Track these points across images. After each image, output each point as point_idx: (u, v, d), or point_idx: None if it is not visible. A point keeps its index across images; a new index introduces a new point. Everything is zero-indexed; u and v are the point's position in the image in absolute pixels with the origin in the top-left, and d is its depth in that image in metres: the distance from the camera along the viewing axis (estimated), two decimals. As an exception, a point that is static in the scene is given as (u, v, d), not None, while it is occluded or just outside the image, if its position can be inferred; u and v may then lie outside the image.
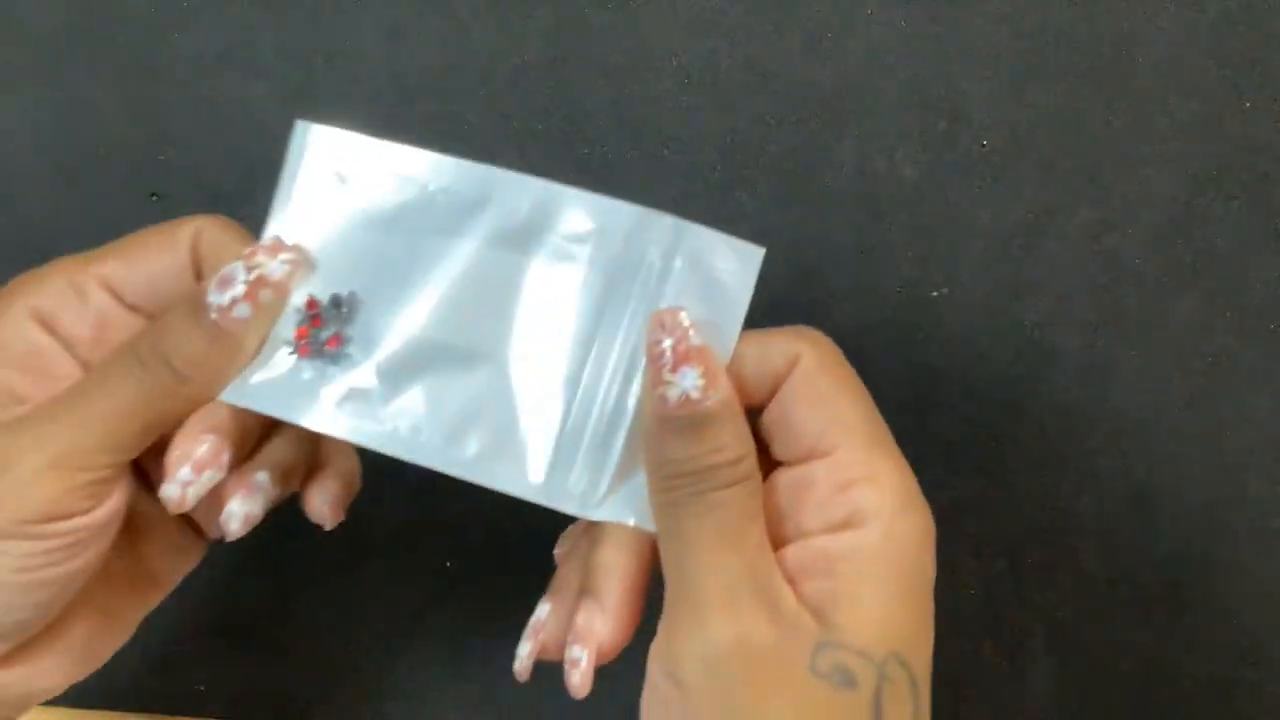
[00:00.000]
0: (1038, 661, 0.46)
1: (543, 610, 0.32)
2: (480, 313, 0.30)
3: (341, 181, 0.31)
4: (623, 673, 0.49)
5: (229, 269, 0.30)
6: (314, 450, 0.33)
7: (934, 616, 0.29)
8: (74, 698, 0.47)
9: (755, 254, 0.30)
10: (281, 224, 0.31)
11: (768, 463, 0.30)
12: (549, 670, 0.48)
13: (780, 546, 0.29)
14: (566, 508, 0.30)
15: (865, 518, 0.28)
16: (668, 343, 0.28)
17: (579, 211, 0.30)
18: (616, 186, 0.43)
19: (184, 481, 0.29)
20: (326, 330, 0.30)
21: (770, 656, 0.27)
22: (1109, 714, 0.46)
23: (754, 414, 0.30)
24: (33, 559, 0.28)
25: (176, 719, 0.49)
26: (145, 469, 0.33)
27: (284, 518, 0.48)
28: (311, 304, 0.31)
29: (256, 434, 0.32)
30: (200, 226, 0.32)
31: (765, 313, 0.44)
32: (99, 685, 0.48)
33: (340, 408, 0.30)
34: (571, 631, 0.30)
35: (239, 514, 0.30)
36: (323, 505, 0.32)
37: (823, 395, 0.29)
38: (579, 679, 0.30)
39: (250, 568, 0.47)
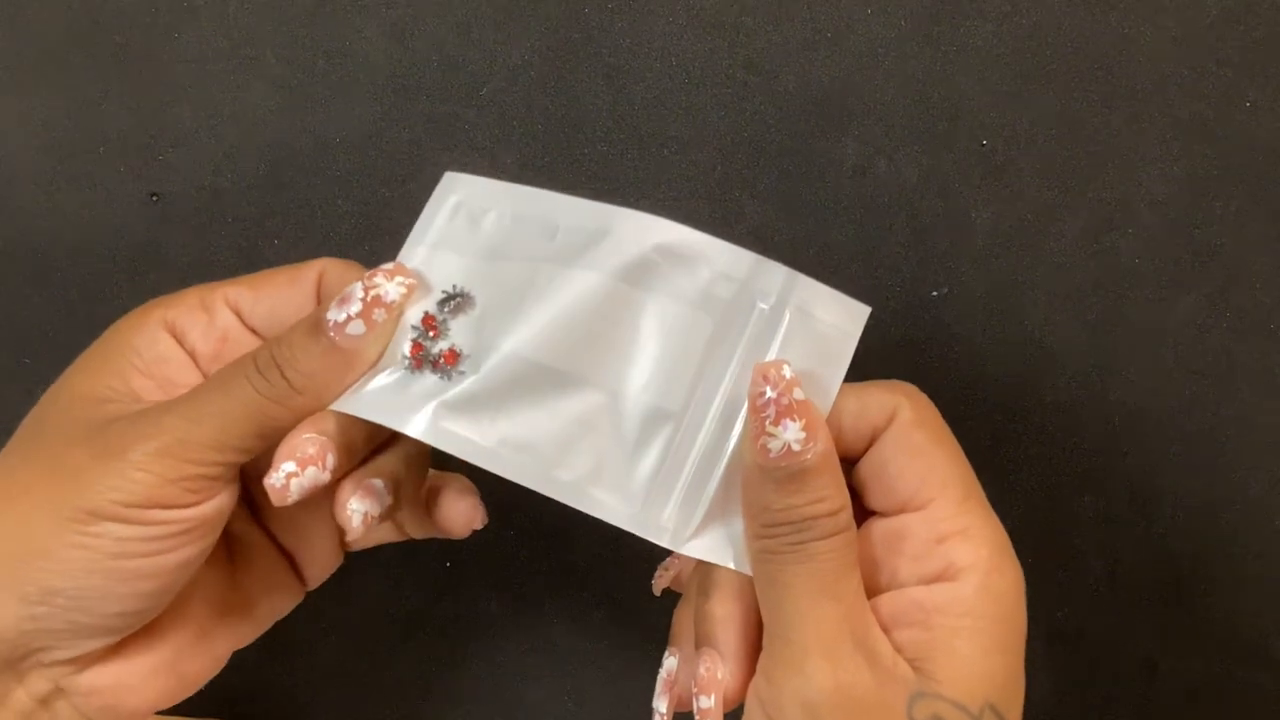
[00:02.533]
0: (1037, 661, 0.46)
1: (671, 663, 0.33)
2: (589, 342, 0.30)
3: (473, 221, 0.32)
4: (623, 672, 0.49)
5: (349, 289, 0.31)
6: (422, 469, 0.34)
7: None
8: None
9: (861, 311, 0.31)
10: (410, 253, 0.33)
11: (861, 512, 0.31)
12: (547, 668, 0.48)
13: (874, 595, 0.30)
14: (659, 540, 0.31)
15: (960, 571, 0.29)
16: (771, 395, 0.29)
17: (696, 253, 0.30)
18: (616, 186, 0.43)
19: (288, 472, 0.30)
20: (440, 345, 0.31)
21: (869, 704, 0.28)
22: (1109, 714, 0.46)
23: (848, 464, 0.31)
24: (129, 544, 0.29)
25: (176, 719, 0.48)
26: (255, 499, 0.34)
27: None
28: (428, 319, 0.32)
29: (363, 449, 0.32)
30: (326, 266, 0.34)
31: (765, 313, 0.44)
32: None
33: (446, 421, 0.31)
34: (697, 682, 0.31)
35: (360, 510, 0.31)
36: (469, 510, 0.34)
37: (919, 449, 0.30)
38: None
39: (250, 568, 0.47)
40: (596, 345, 0.30)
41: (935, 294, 0.43)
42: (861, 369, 0.44)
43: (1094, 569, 0.45)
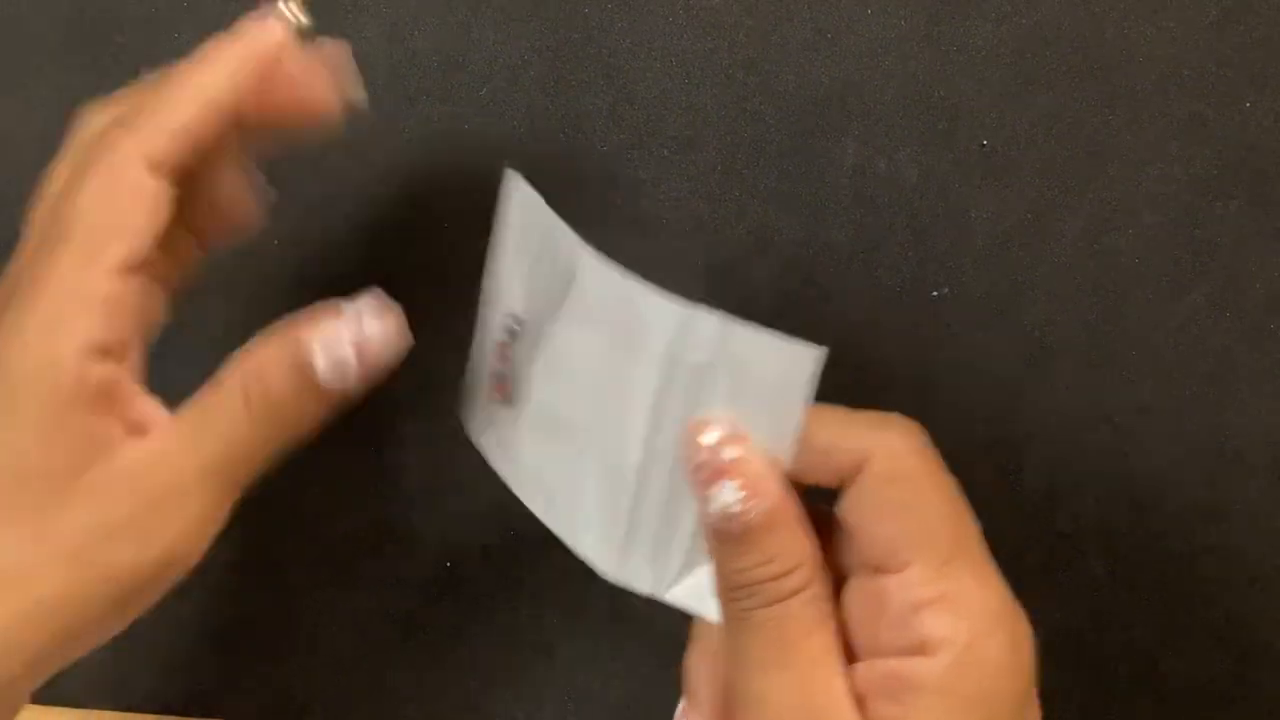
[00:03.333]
0: (1038, 662, 0.46)
1: (679, 709, 0.32)
2: (581, 394, 0.31)
3: (530, 250, 0.32)
4: (624, 672, 0.49)
5: (335, 338, 0.30)
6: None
7: None
8: (77, 697, 0.47)
9: (808, 355, 0.28)
10: (499, 263, 0.33)
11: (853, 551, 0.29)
12: (547, 668, 0.48)
13: (855, 658, 0.28)
14: (640, 588, 0.31)
15: (937, 646, 0.26)
16: (702, 457, 0.27)
17: (649, 309, 0.29)
18: (617, 186, 0.43)
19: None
20: (505, 372, 0.33)
21: None
22: (1109, 714, 0.46)
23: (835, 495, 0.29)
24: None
25: (171, 718, 0.49)
26: None
27: (283, 518, 0.48)
28: (503, 347, 0.33)
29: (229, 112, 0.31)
30: (249, 52, 0.32)
31: (767, 314, 0.44)
32: (100, 685, 0.48)
33: (498, 447, 0.33)
34: None
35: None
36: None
37: (893, 505, 0.27)
38: None
39: (250, 568, 0.47)
40: (586, 397, 0.31)
41: (935, 294, 0.43)
42: (862, 370, 0.44)
43: (1094, 569, 0.45)
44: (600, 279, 0.30)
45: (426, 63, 0.43)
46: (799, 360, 0.28)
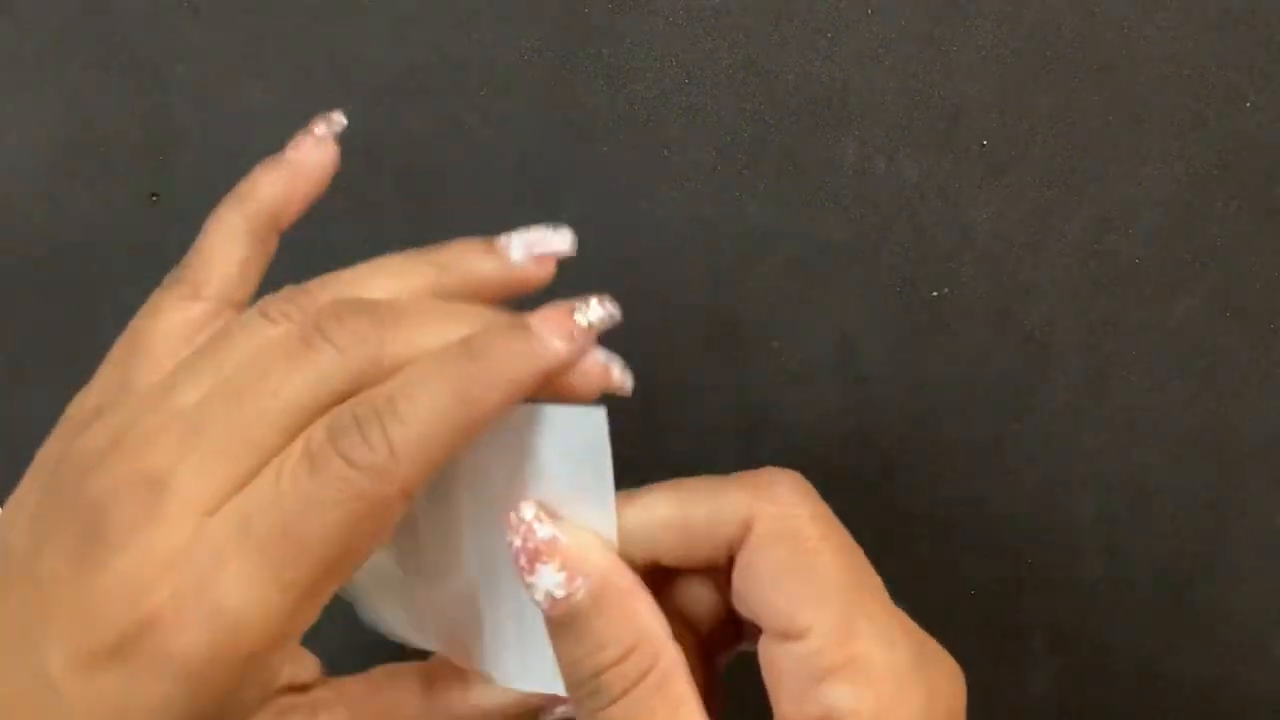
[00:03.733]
0: (1038, 662, 0.46)
1: None
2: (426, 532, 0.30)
3: None
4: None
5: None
6: None
7: None
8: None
9: (596, 414, 0.25)
10: None
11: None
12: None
13: None
14: (522, 685, 0.28)
15: (843, 718, 0.24)
16: (517, 543, 0.25)
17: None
18: (617, 186, 0.43)
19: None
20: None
21: None
22: (1109, 714, 0.46)
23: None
24: None
25: None
26: None
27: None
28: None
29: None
30: None
31: (766, 316, 0.44)
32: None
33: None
34: None
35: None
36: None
37: (782, 567, 0.25)
38: None
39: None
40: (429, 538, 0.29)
41: (935, 294, 0.43)
42: (860, 372, 0.44)
43: (1094, 569, 0.45)
44: None
45: (426, 63, 0.43)
46: (588, 422, 0.25)
